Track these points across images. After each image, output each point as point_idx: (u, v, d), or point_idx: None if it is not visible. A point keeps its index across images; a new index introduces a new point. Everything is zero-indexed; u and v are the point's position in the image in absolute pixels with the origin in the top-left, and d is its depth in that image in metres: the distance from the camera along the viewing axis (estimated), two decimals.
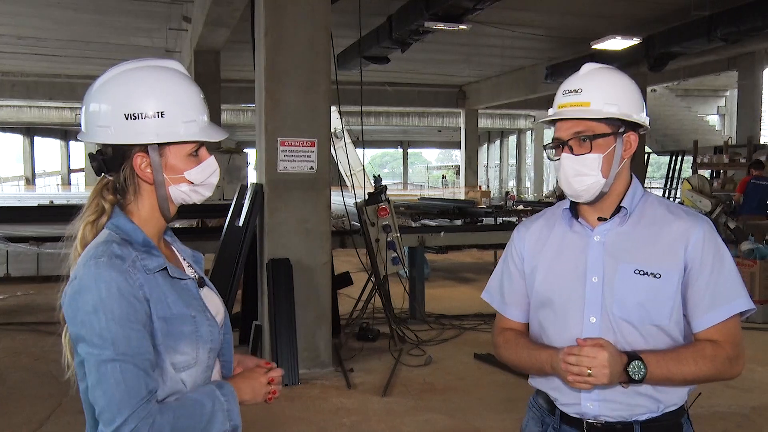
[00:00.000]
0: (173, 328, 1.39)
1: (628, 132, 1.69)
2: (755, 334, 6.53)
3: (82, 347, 1.34)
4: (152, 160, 1.43)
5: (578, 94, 1.68)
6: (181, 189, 1.47)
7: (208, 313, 1.48)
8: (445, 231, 8.08)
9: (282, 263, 5.39)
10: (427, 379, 5.40)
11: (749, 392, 4.99)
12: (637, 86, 1.75)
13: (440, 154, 59.94)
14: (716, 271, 1.65)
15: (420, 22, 9.69)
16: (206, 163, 1.48)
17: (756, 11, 9.56)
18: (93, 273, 1.33)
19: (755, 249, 7.34)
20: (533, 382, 1.84)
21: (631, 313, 1.65)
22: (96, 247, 1.38)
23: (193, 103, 1.45)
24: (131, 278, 1.35)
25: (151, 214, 1.47)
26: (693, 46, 11.36)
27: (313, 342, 5.52)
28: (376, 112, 27.12)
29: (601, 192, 1.69)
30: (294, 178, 5.48)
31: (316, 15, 5.50)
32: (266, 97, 5.42)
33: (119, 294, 1.32)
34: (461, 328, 6.94)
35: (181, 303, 1.42)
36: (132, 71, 1.43)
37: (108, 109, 1.40)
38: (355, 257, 6.79)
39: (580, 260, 1.72)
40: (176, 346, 1.39)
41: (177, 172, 1.45)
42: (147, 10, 11.49)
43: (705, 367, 1.62)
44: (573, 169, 1.68)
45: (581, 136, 1.66)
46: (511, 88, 19.29)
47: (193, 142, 1.46)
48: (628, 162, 1.73)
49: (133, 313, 1.33)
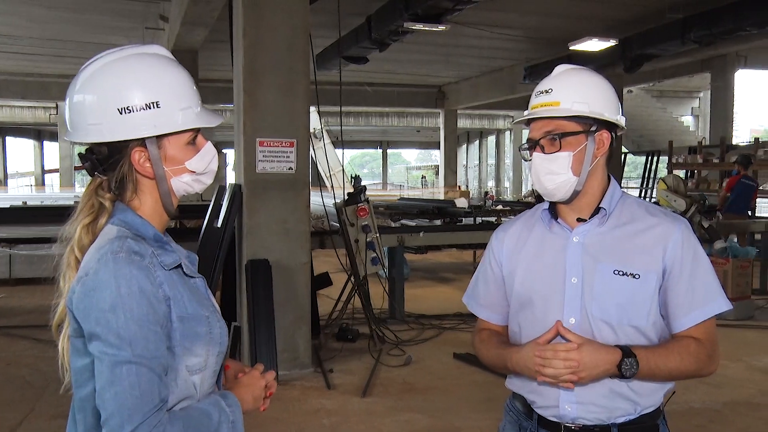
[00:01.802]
0: (189, 329, 1.33)
1: (600, 131, 1.70)
2: (728, 331, 6.63)
3: (96, 346, 1.25)
4: (151, 154, 1.35)
5: (549, 94, 1.70)
6: (183, 180, 1.40)
7: (218, 314, 1.43)
8: (425, 231, 8.09)
9: (261, 264, 5.37)
10: (407, 379, 5.41)
11: (721, 388, 5.07)
12: (612, 87, 1.76)
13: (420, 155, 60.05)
14: (695, 272, 1.68)
15: (399, 23, 9.70)
16: (205, 150, 1.42)
17: (728, 15, 9.72)
18: (111, 269, 1.25)
19: (728, 248, 7.48)
20: (510, 385, 1.84)
21: (609, 313, 1.66)
22: (111, 242, 1.30)
23: (187, 89, 1.38)
24: (152, 276, 1.28)
25: (154, 210, 1.40)
26: (667, 48, 11.52)
27: (292, 343, 5.50)
28: (355, 113, 27.11)
29: (575, 191, 1.70)
30: (273, 179, 5.46)
31: (295, 15, 5.49)
32: (245, 97, 5.40)
33: (140, 292, 1.25)
34: (441, 328, 6.96)
35: (196, 302, 1.36)
36: (117, 62, 1.34)
37: (98, 105, 1.32)
38: (335, 258, 6.78)
39: (559, 261, 1.73)
40: (191, 348, 1.33)
41: (177, 163, 1.38)
42: (123, 9, 11.37)
43: (688, 362, 1.65)
44: (543, 168, 1.69)
45: (551, 134, 1.68)
46: (489, 88, 19.38)
47: (191, 130, 1.39)
48: (603, 161, 1.74)
49: (153, 314, 1.27)
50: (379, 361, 5.75)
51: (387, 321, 7.06)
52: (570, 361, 1.57)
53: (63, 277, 1.37)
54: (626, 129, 1.81)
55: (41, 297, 7.92)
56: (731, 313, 6.90)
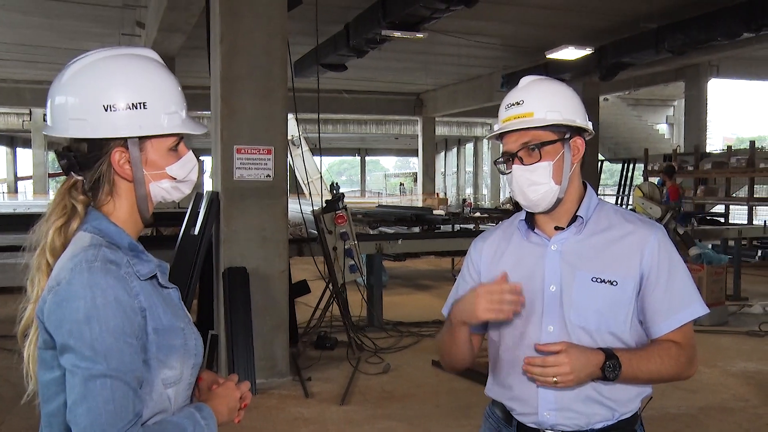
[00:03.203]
0: (164, 341, 1.30)
1: (574, 137, 1.72)
2: (703, 337, 6.70)
3: (68, 359, 1.21)
4: (132, 156, 1.31)
5: (520, 106, 1.71)
6: (162, 186, 1.37)
7: (193, 325, 1.39)
8: (403, 238, 8.10)
9: (238, 272, 5.33)
10: (385, 387, 5.40)
11: (696, 393, 5.13)
12: (575, 93, 1.79)
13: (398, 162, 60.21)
14: (672, 277, 1.69)
15: (377, 30, 9.74)
16: (186, 158, 1.39)
17: (700, 25, 9.93)
18: (86, 279, 1.21)
19: (702, 254, 7.56)
20: (489, 392, 1.84)
21: (588, 320, 1.67)
22: (85, 250, 1.26)
23: (175, 94, 1.36)
24: (128, 286, 1.25)
25: (129, 215, 1.36)
26: (642, 57, 11.71)
27: (270, 351, 5.46)
28: (333, 120, 27.13)
29: (558, 198, 1.71)
30: (250, 186, 5.43)
31: (273, 22, 5.47)
32: (222, 104, 5.37)
33: (116, 303, 1.21)
34: (419, 335, 6.96)
35: (171, 313, 1.33)
36: (108, 59, 1.32)
37: (84, 100, 1.28)
38: (313, 265, 6.75)
39: (537, 270, 1.74)
40: (167, 360, 1.30)
41: (158, 168, 1.35)
42: (98, 15, 11.28)
43: (669, 365, 1.66)
44: (526, 179, 1.70)
45: (529, 145, 1.69)
46: (467, 96, 19.51)
47: (175, 136, 1.36)
48: (578, 168, 1.75)
49: (129, 325, 1.22)
50: (357, 369, 5.73)
51: (365, 329, 7.04)
52: (562, 366, 1.57)
53: (32, 282, 1.32)
54: (602, 137, 1.84)
55: (13, 306, 7.76)
56: (706, 319, 6.99)
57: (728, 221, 13.22)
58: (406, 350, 6.45)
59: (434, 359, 5.96)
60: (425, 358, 6.08)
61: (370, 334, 6.74)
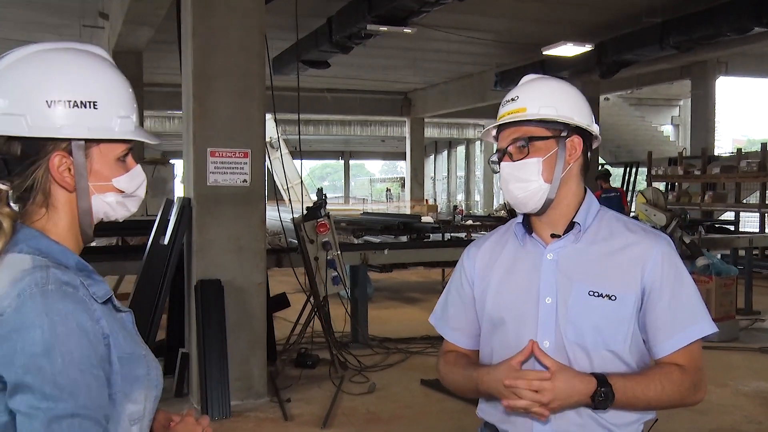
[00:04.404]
0: (129, 371, 1.22)
1: (571, 136, 1.73)
2: (712, 354, 6.74)
3: (23, 400, 1.10)
4: (76, 162, 1.22)
5: (515, 102, 1.75)
6: (107, 200, 1.29)
7: (152, 353, 1.32)
8: (390, 248, 8.10)
9: (212, 284, 5.32)
10: (370, 408, 5.40)
11: (706, 415, 5.15)
12: (582, 95, 1.81)
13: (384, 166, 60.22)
14: (677, 293, 1.69)
15: (362, 25, 9.76)
16: (135, 171, 1.31)
17: (707, 19, 9.99)
18: (41, 305, 1.12)
19: (711, 265, 7.56)
20: (482, 413, 1.85)
21: (585, 337, 1.67)
22: (30, 273, 1.15)
23: (127, 97, 1.29)
24: (89, 310, 1.17)
25: (69, 231, 1.27)
26: (645, 54, 11.80)
27: (246, 370, 5.45)
28: (315, 121, 27.11)
29: (548, 199, 1.72)
30: (225, 192, 5.42)
31: (249, 15, 5.48)
32: (194, 103, 5.36)
33: (79, 330, 1.13)
34: (407, 352, 6.96)
35: (130, 340, 1.26)
36: (53, 52, 1.24)
37: (21, 92, 1.19)
38: (293, 277, 6.75)
39: (532, 280, 1.74)
40: (130, 393, 1.22)
41: (103, 179, 1.27)
42: (58, 4, 11.18)
43: (671, 391, 1.65)
44: (512, 176, 1.72)
45: (519, 141, 1.71)
46: (458, 95, 19.58)
47: (126, 143, 1.29)
48: (577, 170, 1.76)
49: (95, 355, 1.15)
50: (340, 388, 5.73)
51: (349, 345, 7.04)
52: (544, 393, 1.56)
53: None
54: (603, 139, 1.85)
55: None
56: (715, 335, 7.01)
57: (738, 229, 13.32)
58: (393, 368, 6.45)
59: (423, 378, 5.96)
60: (414, 377, 6.08)
61: (355, 351, 6.73)
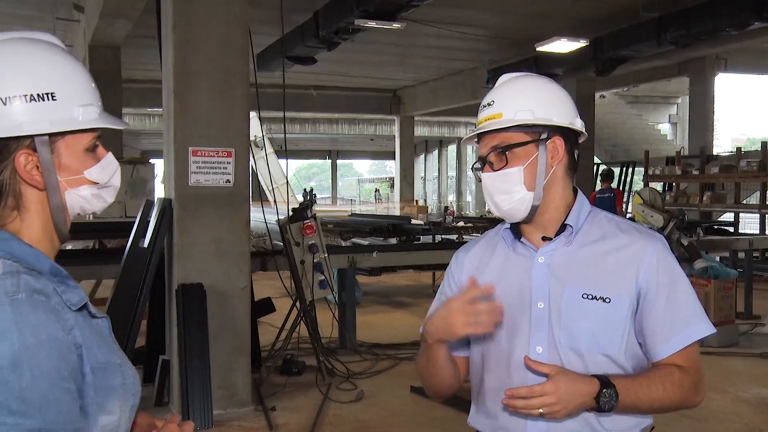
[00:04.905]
0: (103, 382, 1.21)
1: (552, 137, 1.72)
2: (711, 359, 6.78)
3: None
4: (42, 158, 1.20)
5: (491, 107, 1.74)
6: (82, 194, 1.27)
7: (128, 360, 1.31)
8: (378, 251, 8.10)
9: (194, 289, 5.31)
10: (359, 416, 5.40)
11: (705, 422, 5.18)
12: (564, 91, 1.80)
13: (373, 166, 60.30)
14: (673, 294, 1.70)
15: (350, 20, 9.76)
16: (107, 160, 1.30)
17: (706, 14, 10.03)
18: (10, 314, 1.10)
19: (709, 267, 7.59)
20: (473, 422, 1.85)
21: (579, 341, 1.68)
22: (1, 280, 1.14)
23: (87, 84, 1.27)
24: (62, 319, 1.15)
25: (43, 232, 1.26)
26: (642, 50, 11.84)
27: (229, 378, 5.43)
28: (301, 119, 27.10)
29: (533, 206, 1.72)
30: (208, 193, 5.41)
31: (232, 8, 5.47)
32: (175, 100, 5.35)
33: (50, 342, 1.11)
34: (397, 358, 6.97)
35: (105, 348, 1.24)
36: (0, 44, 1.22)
37: None
38: (278, 281, 6.74)
39: (524, 284, 1.75)
40: (105, 404, 1.21)
41: (74, 172, 1.25)
42: None
43: (672, 392, 1.66)
44: (495, 187, 1.72)
45: (498, 149, 1.71)
46: (449, 92, 19.63)
47: (92, 132, 1.27)
48: (561, 171, 1.75)
49: (66, 367, 1.13)
50: (327, 396, 5.73)
51: (337, 351, 7.04)
52: (547, 397, 1.57)
53: None
54: (598, 138, 1.85)
55: None
56: (714, 340, 7.07)
57: (738, 231, 13.40)
58: (381, 375, 6.46)
59: (413, 385, 5.97)
60: (403, 384, 6.08)
61: (342, 358, 6.73)
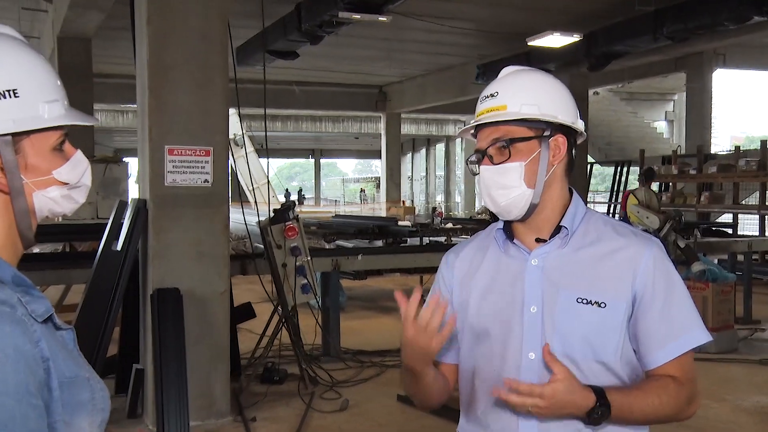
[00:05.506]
0: (71, 397, 1.18)
1: (555, 135, 1.73)
2: (708, 366, 6.82)
3: None
4: (5, 160, 1.18)
5: (495, 98, 1.74)
6: (50, 195, 1.24)
7: (96, 374, 1.28)
8: (364, 253, 8.11)
9: (170, 294, 5.29)
10: (343, 426, 5.40)
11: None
12: (567, 89, 1.81)
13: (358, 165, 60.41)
14: (669, 300, 1.71)
15: (333, 12, 9.75)
16: (76, 159, 1.27)
17: (704, 8, 10.10)
18: None
19: (707, 270, 7.61)
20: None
21: (574, 347, 1.69)
22: None
23: (51, 79, 1.24)
24: (29, 331, 1.12)
25: (6, 238, 1.23)
26: (638, 45, 11.91)
27: (207, 387, 5.42)
28: (283, 116, 27.10)
29: (532, 204, 1.73)
30: (185, 193, 5.39)
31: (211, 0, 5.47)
32: (150, 96, 5.33)
33: (16, 355, 1.09)
34: (383, 365, 6.97)
35: (71, 361, 1.21)
36: None
37: None
38: (259, 285, 6.73)
39: (517, 288, 1.75)
40: (72, 421, 1.18)
41: (41, 173, 1.23)
42: None
43: (668, 405, 1.67)
44: (493, 182, 1.72)
45: (500, 142, 1.71)
46: (438, 89, 19.67)
47: (59, 130, 1.24)
48: (561, 171, 1.77)
49: (33, 382, 1.11)
50: (310, 406, 5.72)
51: (320, 359, 7.03)
52: (540, 401, 1.57)
53: None
54: (592, 136, 1.87)
55: None
56: (712, 346, 7.09)
57: (737, 232, 13.50)
58: (367, 383, 6.46)
59: (400, 393, 5.97)
60: (389, 393, 6.08)
61: (326, 365, 6.73)
